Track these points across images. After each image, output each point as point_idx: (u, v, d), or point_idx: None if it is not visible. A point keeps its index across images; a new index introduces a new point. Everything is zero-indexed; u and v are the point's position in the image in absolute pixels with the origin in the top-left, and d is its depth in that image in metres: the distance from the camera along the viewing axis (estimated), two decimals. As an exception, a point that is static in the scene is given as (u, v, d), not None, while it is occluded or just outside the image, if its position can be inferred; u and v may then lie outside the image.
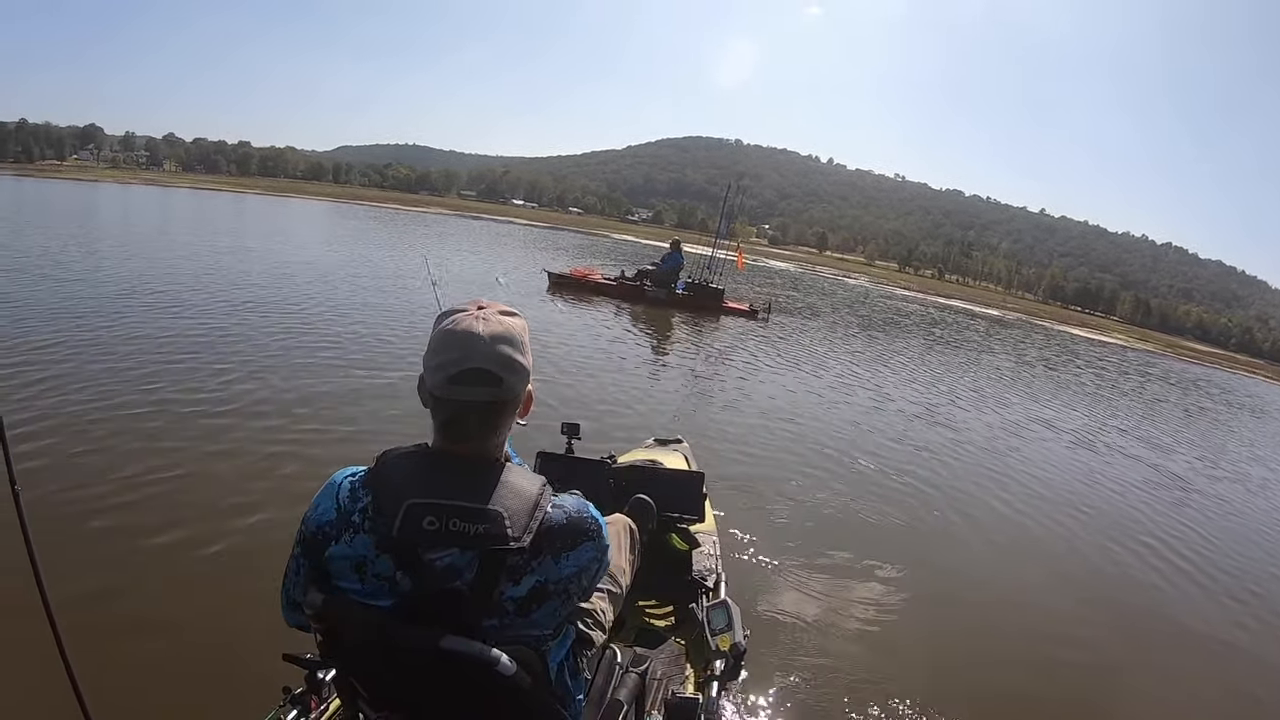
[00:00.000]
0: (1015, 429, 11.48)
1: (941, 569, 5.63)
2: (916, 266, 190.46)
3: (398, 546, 1.28)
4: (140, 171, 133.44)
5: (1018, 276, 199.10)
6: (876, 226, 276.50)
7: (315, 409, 6.96)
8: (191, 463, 5.38)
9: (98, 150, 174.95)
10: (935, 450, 9.08)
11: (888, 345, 20.22)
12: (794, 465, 7.45)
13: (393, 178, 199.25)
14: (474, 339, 1.30)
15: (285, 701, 1.98)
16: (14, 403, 5.94)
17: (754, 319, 19.21)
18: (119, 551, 4.12)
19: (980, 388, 15.48)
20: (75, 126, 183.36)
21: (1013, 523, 7.09)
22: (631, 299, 18.73)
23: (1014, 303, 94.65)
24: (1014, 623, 5.11)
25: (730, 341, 15.62)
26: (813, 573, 5.02)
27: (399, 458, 1.37)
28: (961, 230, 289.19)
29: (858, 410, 10.69)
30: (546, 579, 1.33)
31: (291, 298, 13.03)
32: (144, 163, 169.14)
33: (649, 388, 10.28)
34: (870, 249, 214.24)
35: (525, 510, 1.30)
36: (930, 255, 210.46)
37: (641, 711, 2.14)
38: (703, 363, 12.98)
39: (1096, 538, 7.14)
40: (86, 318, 9.47)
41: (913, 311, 36.92)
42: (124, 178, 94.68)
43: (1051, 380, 19.93)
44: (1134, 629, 5.43)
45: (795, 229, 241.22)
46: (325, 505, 1.37)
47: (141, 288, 12.21)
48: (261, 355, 8.70)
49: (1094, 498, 8.55)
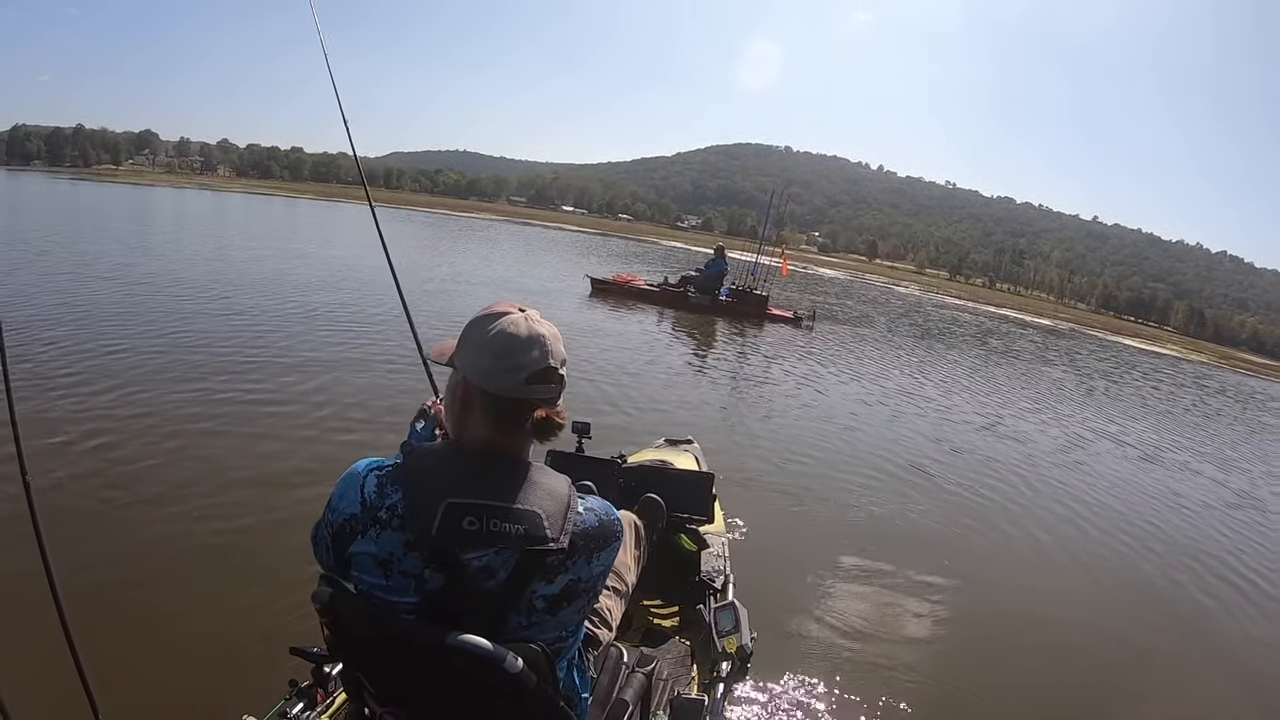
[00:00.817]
0: (1079, 442, 11.01)
1: (977, 581, 5.42)
2: (967, 275, 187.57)
3: (435, 546, 1.27)
4: (195, 176, 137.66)
5: (1069, 285, 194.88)
6: (927, 234, 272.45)
7: (353, 407, 6.99)
8: (201, 456, 5.40)
9: (153, 155, 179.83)
10: (987, 461, 8.76)
11: (938, 354, 19.62)
12: (826, 471, 7.31)
13: (443, 183, 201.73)
14: (541, 339, 1.37)
15: (291, 695, 1.99)
16: (93, 407, 6.10)
17: (798, 326, 18.81)
18: (127, 543, 4.12)
19: (1041, 399, 14.91)
20: (131, 132, 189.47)
21: (1070, 538, 6.73)
22: (674, 305, 18.50)
23: (1066, 312, 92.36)
24: (1046, 639, 4.82)
25: (772, 349, 15.29)
26: (835, 580, 4.95)
27: (429, 454, 1.39)
28: (1012, 238, 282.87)
29: (901, 419, 10.35)
30: (579, 577, 1.35)
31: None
32: (198, 167, 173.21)
33: (687, 392, 10.08)
34: (920, 257, 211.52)
35: (559, 511, 1.33)
36: (981, 263, 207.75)
37: (647, 711, 2.13)
38: (742, 369, 12.73)
39: (1174, 558, 6.76)
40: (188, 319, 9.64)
41: (964, 320, 35.97)
42: (178, 182, 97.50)
43: (1111, 393, 19.14)
44: (1207, 658, 5.07)
45: (845, 236, 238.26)
46: (349, 498, 1.36)
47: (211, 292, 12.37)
48: (306, 349, 8.83)
49: (1165, 515, 8.12)
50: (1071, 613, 5.28)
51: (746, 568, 4.23)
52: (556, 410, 1.38)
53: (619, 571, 2.25)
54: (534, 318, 1.41)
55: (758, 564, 4.65)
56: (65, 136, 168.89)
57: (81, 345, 7.94)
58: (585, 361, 10.16)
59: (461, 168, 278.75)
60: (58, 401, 6.15)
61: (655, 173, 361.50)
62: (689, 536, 3.34)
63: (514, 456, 1.39)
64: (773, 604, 4.29)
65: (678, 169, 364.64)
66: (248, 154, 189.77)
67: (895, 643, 4.35)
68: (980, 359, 20.90)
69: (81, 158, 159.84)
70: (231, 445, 5.71)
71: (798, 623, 4.34)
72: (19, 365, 6.80)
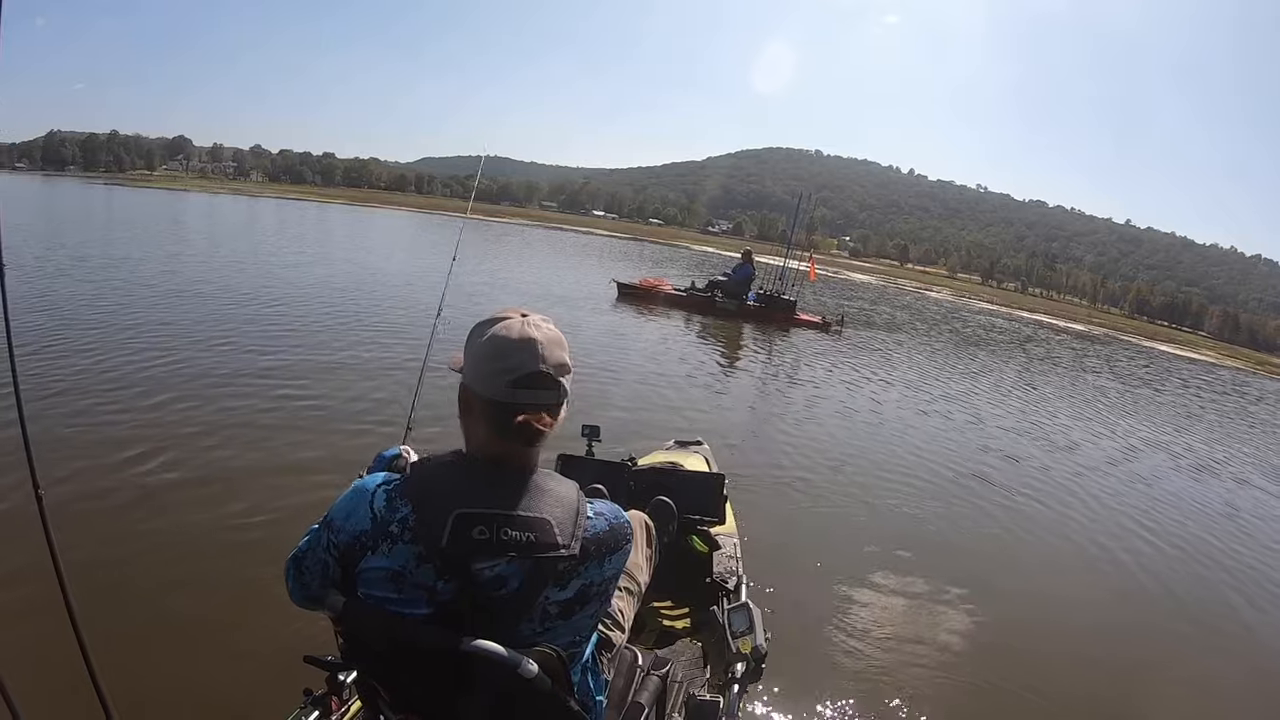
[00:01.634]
0: (1130, 453, 10.67)
1: (1006, 589, 5.24)
2: (999, 280, 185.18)
3: (446, 557, 1.26)
4: (227, 181, 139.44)
5: (1102, 290, 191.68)
6: (959, 239, 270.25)
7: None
8: (215, 462, 5.34)
9: (186, 160, 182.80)
10: (1042, 470, 8.52)
11: (974, 360, 19.09)
12: (852, 475, 7.14)
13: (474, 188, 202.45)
14: (534, 344, 1.32)
15: (306, 703, 1.95)
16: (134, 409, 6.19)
17: (826, 332, 18.46)
18: (140, 549, 4.07)
19: (1086, 406, 14.52)
20: (164, 138, 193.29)
21: (1136, 553, 6.43)
22: (701, 310, 18.29)
23: (1099, 317, 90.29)
24: (1079, 650, 4.61)
25: (799, 353, 15.02)
26: (855, 585, 4.82)
27: (438, 466, 1.36)
28: (1045, 242, 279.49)
29: (934, 424, 10.05)
30: (591, 581, 1.34)
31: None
32: (231, 173, 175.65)
33: (711, 397, 9.90)
34: (952, 261, 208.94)
35: (570, 518, 1.31)
36: (1013, 268, 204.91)
37: (662, 714, 2.12)
38: (768, 373, 12.58)
39: (1241, 577, 6.42)
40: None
41: (998, 326, 35.19)
42: (211, 187, 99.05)
43: (1155, 400, 18.51)
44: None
45: (876, 241, 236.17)
46: (359, 515, 1.34)
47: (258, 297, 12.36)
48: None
49: (1221, 527, 7.74)
50: (1111, 624, 5.09)
51: (765, 569, 4.24)
52: (537, 415, 1.32)
53: (631, 573, 2.22)
54: (533, 322, 1.36)
55: (776, 565, 4.59)
56: (99, 142, 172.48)
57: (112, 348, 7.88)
58: (602, 369, 9.98)
59: (492, 172, 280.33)
60: (79, 402, 6.17)
61: (685, 177, 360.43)
62: (700, 538, 3.35)
63: (521, 463, 1.35)
64: (789, 605, 4.22)
65: (707, 173, 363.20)
66: (280, 159, 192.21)
67: (915, 644, 4.25)
68: (1022, 366, 20.27)
69: (116, 163, 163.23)
70: (254, 450, 5.63)
71: (814, 624, 4.24)
72: (62, 364, 7.16)
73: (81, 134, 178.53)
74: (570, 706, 1.32)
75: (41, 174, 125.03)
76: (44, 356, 7.24)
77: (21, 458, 1.88)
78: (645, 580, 2.36)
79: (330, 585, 1.39)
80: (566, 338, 1.39)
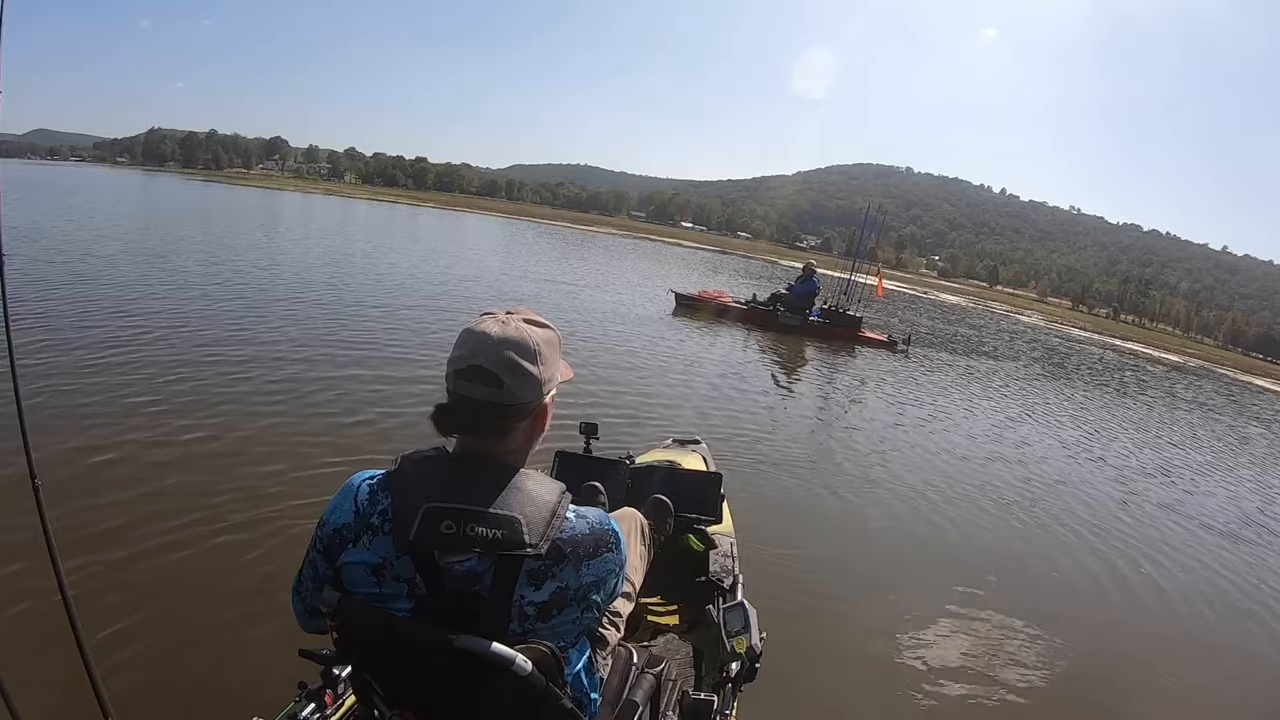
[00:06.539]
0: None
1: (1021, 603, 4.94)
2: (1090, 305, 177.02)
3: (413, 550, 1.25)
4: (321, 182, 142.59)
5: (1196, 319, 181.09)
6: (1050, 261, 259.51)
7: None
8: (216, 455, 5.20)
9: (282, 160, 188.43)
10: (1070, 492, 7.93)
11: (1052, 389, 17.08)
12: (903, 495, 6.86)
13: (564, 197, 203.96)
14: (483, 338, 1.30)
15: (301, 697, 1.87)
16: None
17: (893, 350, 17.06)
18: (135, 543, 3.93)
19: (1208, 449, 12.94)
20: (261, 138, 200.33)
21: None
22: (762, 325, 17.07)
23: (1193, 348, 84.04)
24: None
25: (861, 373, 13.80)
26: (876, 593, 4.77)
27: (418, 461, 1.34)
28: (1139, 268, 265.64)
29: (1013, 462, 8.99)
30: (567, 584, 1.29)
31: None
32: (325, 174, 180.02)
33: (768, 415, 9.19)
34: (1042, 285, 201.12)
35: (543, 517, 1.27)
36: (1105, 293, 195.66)
37: (657, 712, 2.10)
38: (827, 393, 11.72)
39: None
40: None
41: (1089, 354, 32.56)
42: (306, 187, 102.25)
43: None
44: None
45: (965, 261, 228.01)
46: (344, 508, 1.34)
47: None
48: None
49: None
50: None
51: (761, 570, 4.12)
52: (441, 403, 1.31)
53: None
54: (505, 320, 1.34)
55: (778, 565, 4.62)
56: (199, 140, 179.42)
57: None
58: (642, 381, 9.46)
59: (582, 181, 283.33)
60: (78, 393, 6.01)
61: (776, 191, 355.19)
62: (697, 537, 3.27)
63: (498, 460, 1.32)
64: (790, 603, 4.22)
65: (797, 188, 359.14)
66: (374, 162, 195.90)
67: (915, 648, 4.19)
68: (1147, 406, 18.28)
69: (214, 160, 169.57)
70: (252, 443, 5.50)
71: (818, 624, 4.22)
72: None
73: (181, 131, 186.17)
74: (564, 704, 1.28)
75: (142, 169, 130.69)
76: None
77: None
78: (639, 580, 2.33)
79: (323, 583, 1.33)
80: (615, 353, 1.02)
